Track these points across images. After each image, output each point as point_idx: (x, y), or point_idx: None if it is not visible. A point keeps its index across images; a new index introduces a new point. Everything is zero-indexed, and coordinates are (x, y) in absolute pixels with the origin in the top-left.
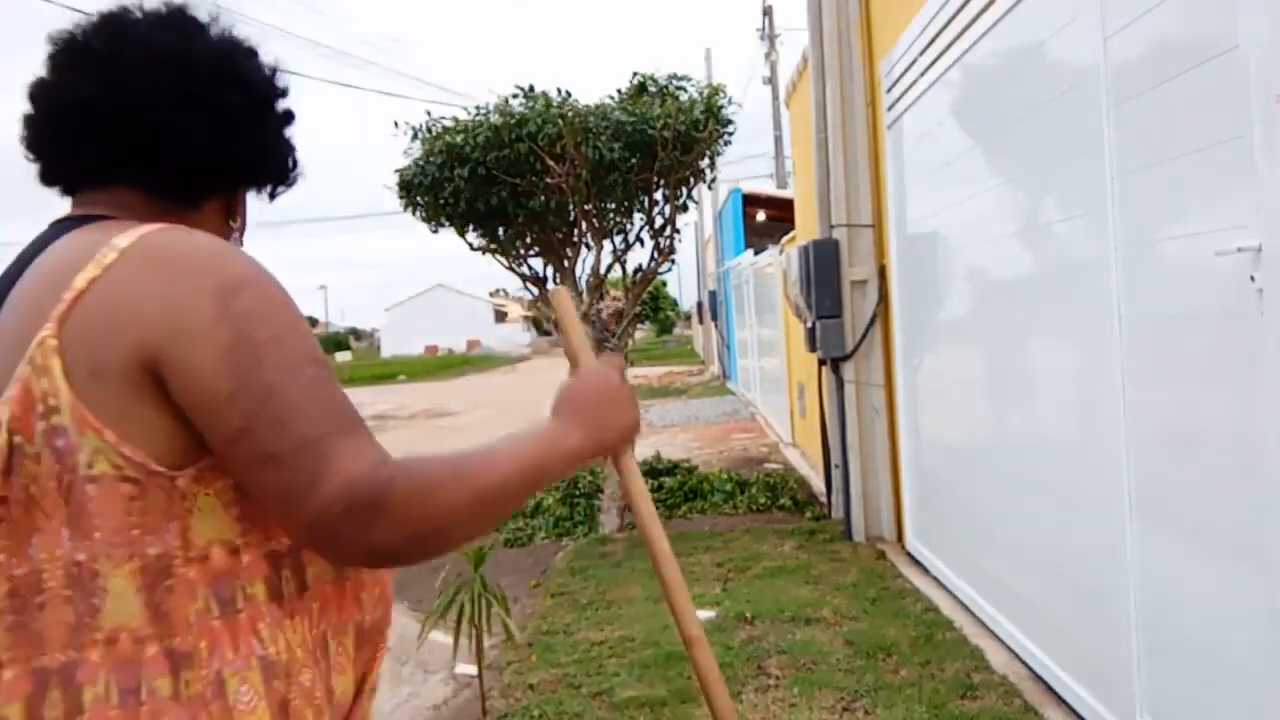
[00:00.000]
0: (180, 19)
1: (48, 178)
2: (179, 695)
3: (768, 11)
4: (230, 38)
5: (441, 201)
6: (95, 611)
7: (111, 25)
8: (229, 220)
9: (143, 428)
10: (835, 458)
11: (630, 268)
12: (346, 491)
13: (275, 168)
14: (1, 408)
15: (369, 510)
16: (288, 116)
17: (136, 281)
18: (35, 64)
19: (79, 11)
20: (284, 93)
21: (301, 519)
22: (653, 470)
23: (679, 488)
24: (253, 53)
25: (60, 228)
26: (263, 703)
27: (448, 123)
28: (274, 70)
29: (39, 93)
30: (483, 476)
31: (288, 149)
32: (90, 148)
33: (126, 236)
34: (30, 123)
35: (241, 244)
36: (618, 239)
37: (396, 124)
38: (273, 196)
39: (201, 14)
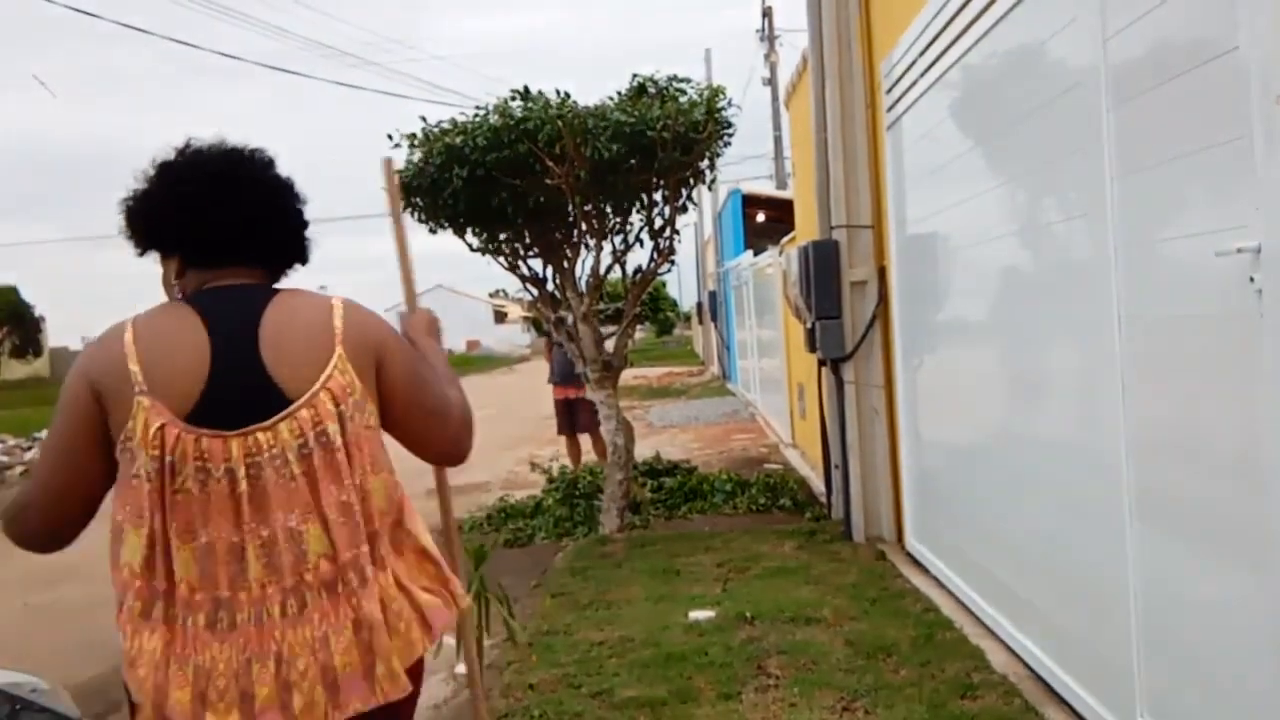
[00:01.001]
0: (273, 160)
1: (188, 254)
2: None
3: (768, 12)
4: (285, 173)
5: (441, 202)
6: (367, 505)
7: (245, 161)
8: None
9: (374, 403)
10: (835, 458)
11: (630, 268)
12: (463, 415)
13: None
14: (326, 395)
15: (469, 424)
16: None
17: (361, 321)
18: (36, 63)
19: (80, 11)
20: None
21: (445, 435)
22: (653, 470)
23: (679, 488)
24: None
25: (247, 293)
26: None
27: (446, 125)
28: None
29: (188, 200)
30: (458, 388)
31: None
32: (248, 243)
33: (330, 298)
34: (168, 218)
35: None
36: (617, 239)
37: (391, 137)
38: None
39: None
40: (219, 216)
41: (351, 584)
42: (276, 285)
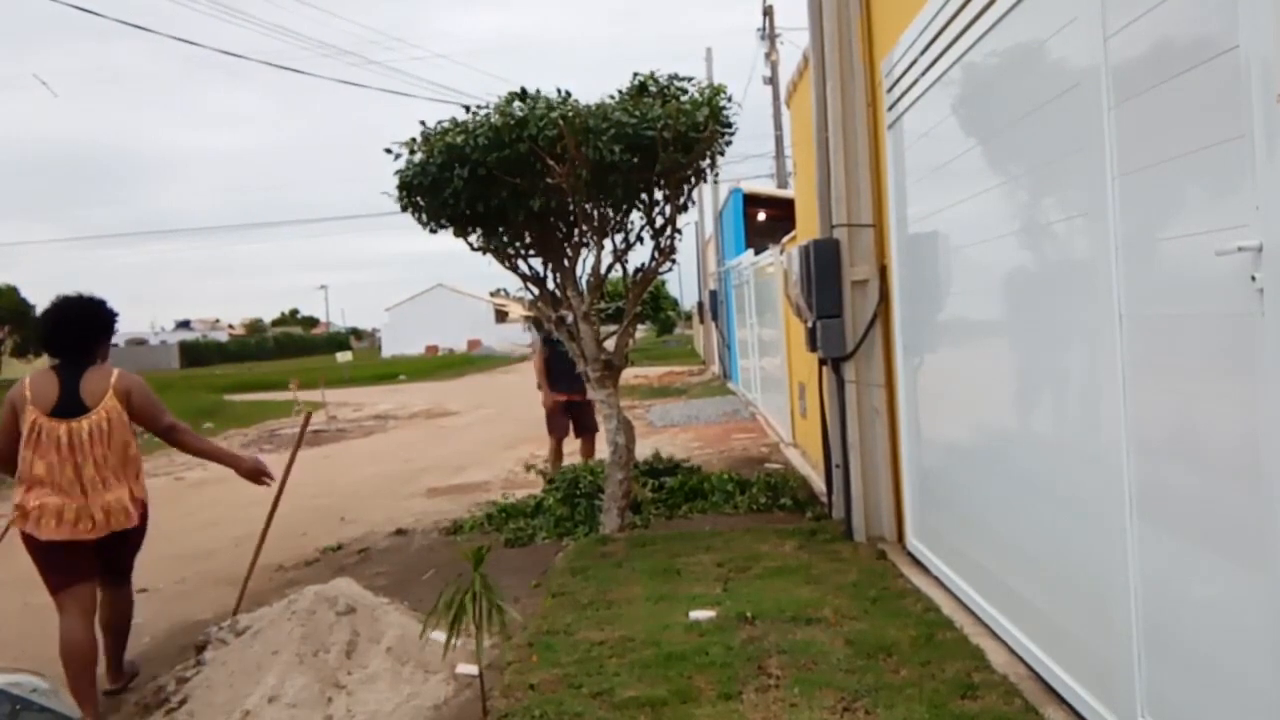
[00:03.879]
0: (89, 304)
1: (59, 354)
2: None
3: (768, 11)
4: (107, 307)
5: (442, 202)
6: (113, 454)
7: (77, 308)
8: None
9: (126, 414)
10: (836, 458)
11: (631, 267)
12: (170, 425)
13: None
14: (101, 411)
15: (175, 432)
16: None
17: (123, 379)
18: (37, 62)
19: (81, 10)
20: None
21: (159, 430)
22: (653, 470)
23: (679, 488)
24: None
25: (75, 368)
26: None
27: (446, 124)
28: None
29: (56, 327)
30: (171, 419)
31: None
32: (84, 345)
33: (113, 370)
34: (52, 335)
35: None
36: (618, 238)
37: (389, 150)
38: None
39: (102, 299)
40: (60, 339)
41: (106, 484)
42: (89, 363)
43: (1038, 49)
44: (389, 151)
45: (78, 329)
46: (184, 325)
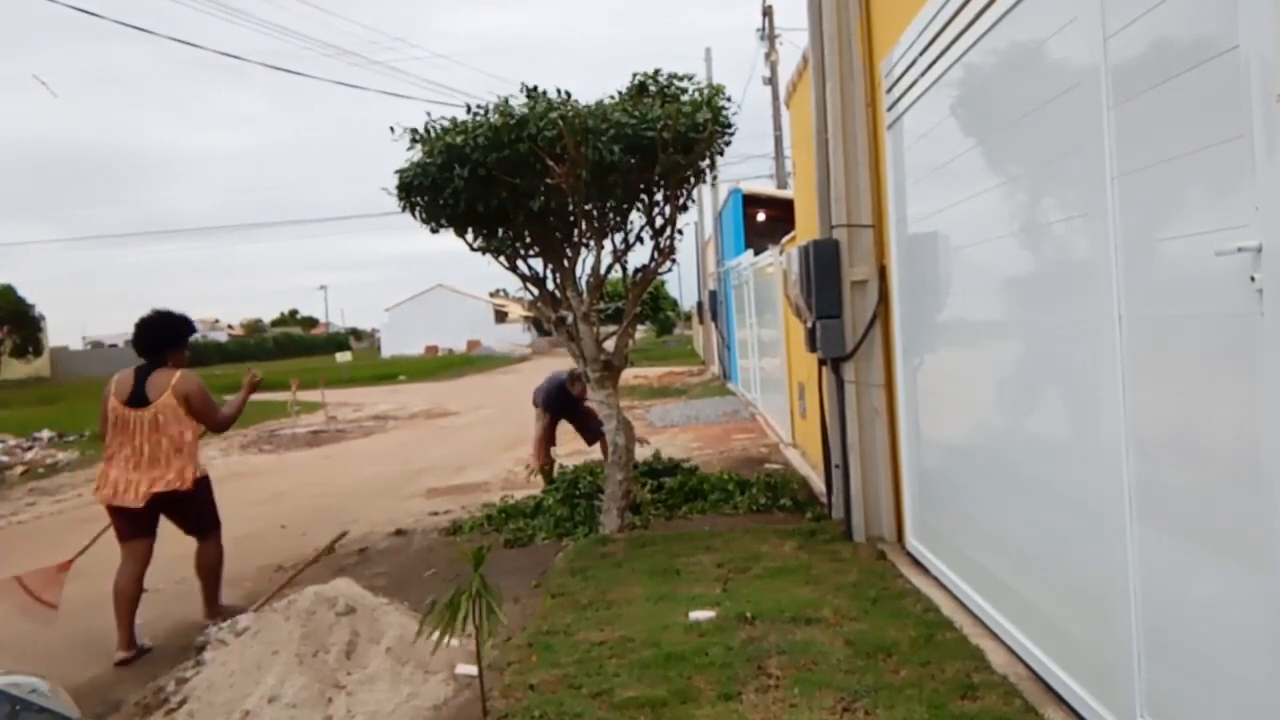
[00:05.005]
0: (165, 316)
1: (140, 355)
2: None
3: (768, 11)
4: (179, 322)
5: (441, 202)
6: (171, 439)
7: (155, 321)
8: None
9: (184, 409)
10: (835, 458)
11: (630, 268)
12: (223, 422)
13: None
14: (159, 405)
15: (226, 425)
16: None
17: (183, 380)
18: (37, 62)
19: (81, 10)
20: (193, 329)
21: (212, 425)
22: (652, 470)
23: (679, 488)
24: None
25: (147, 367)
26: None
27: (446, 124)
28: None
29: (138, 334)
30: (222, 415)
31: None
32: (155, 350)
33: (175, 372)
34: (134, 340)
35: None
36: (618, 239)
37: (393, 129)
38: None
39: (181, 316)
40: (138, 344)
41: (154, 464)
42: (159, 365)
43: (1037, 49)
44: (392, 130)
45: (153, 337)
46: None
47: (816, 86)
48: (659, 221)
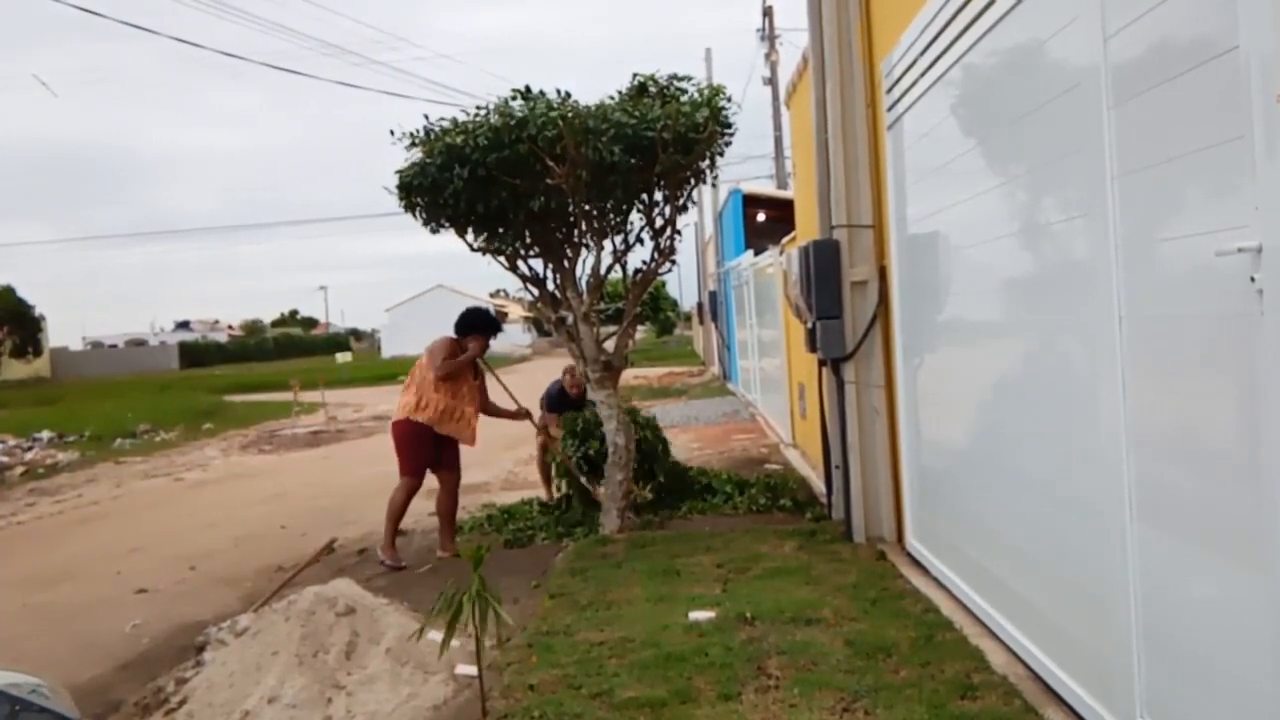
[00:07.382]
0: (474, 310)
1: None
2: None
3: (768, 12)
4: (472, 315)
5: (441, 202)
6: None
7: (464, 312)
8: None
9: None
10: (835, 458)
11: (630, 268)
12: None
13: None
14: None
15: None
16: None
17: (431, 344)
18: (37, 62)
19: (81, 10)
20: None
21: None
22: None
23: (679, 488)
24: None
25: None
26: None
27: (446, 124)
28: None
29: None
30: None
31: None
32: (458, 330)
33: (443, 338)
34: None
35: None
36: (618, 239)
37: (393, 132)
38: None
39: (481, 310)
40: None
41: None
42: (456, 339)
43: (1037, 49)
44: (392, 134)
45: (459, 321)
46: (183, 326)
47: (816, 87)
48: (659, 222)
